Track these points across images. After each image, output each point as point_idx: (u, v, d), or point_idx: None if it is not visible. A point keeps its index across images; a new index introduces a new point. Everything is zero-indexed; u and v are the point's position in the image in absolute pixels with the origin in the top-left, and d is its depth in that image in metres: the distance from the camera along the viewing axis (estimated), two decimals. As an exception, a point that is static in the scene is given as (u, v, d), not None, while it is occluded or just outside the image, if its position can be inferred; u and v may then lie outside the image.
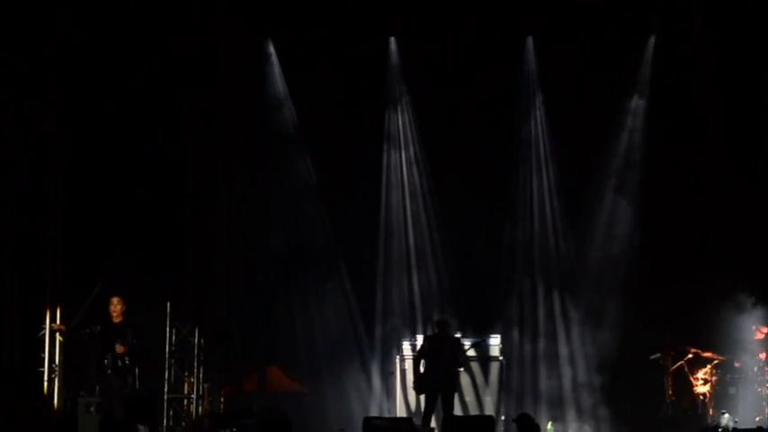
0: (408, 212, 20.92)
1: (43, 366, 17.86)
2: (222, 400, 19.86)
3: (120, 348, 16.44)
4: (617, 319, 19.96)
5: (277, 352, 20.42)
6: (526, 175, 20.96)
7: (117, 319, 16.77)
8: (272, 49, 20.72)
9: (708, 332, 18.82)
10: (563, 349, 20.39)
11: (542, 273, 20.70)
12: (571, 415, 19.84)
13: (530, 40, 20.60)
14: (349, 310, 20.53)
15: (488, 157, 20.41)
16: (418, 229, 20.85)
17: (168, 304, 19.38)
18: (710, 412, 18.45)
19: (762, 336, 18.70)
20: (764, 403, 18.39)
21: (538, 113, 20.87)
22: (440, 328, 17.66)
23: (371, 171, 20.89)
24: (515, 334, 20.41)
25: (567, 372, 20.26)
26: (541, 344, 20.46)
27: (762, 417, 18.07)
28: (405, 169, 21.00)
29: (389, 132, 21.01)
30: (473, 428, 16.41)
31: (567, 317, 20.48)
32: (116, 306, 16.87)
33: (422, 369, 17.36)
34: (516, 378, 20.12)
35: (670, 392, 18.97)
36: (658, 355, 19.00)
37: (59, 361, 17.91)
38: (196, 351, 19.47)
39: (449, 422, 16.71)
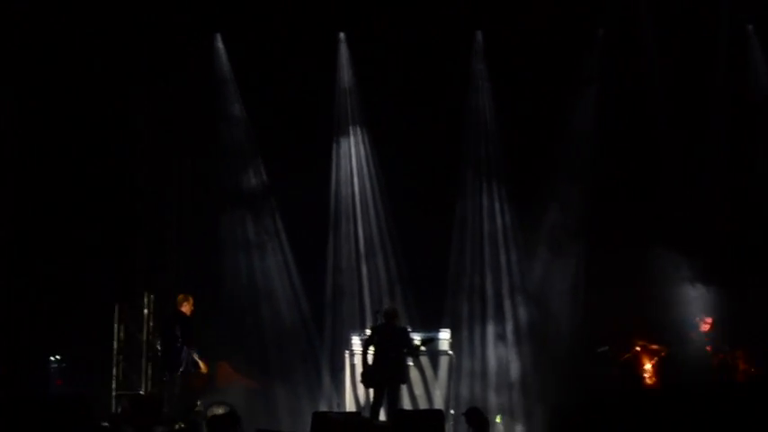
0: (358, 208, 20.92)
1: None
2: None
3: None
4: (566, 312, 20.07)
5: (226, 347, 20.36)
6: (476, 171, 21.03)
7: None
8: (220, 44, 20.71)
9: (654, 324, 18.95)
10: (511, 342, 20.47)
11: (492, 269, 20.78)
12: (519, 408, 19.96)
13: (479, 35, 20.69)
14: (298, 305, 20.51)
15: (437, 153, 20.45)
16: (367, 224, 20.86)
17: (117, 301, 19.37)
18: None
19: (707, 327, 18.87)
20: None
21: (487, 107, 20.94)
22: (388, 317, 17.66)
23: (321, 163, 20.88)
24: (464, 328, 20.46)
25: (515, 365, 20.33)
26: (490, 338, 20.52)
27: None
28: (354, 164, 21.00)
29: (339, 126, 21.02)
30: (422, 422, 16.39)
31: (516, 310, 20.57)
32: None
33: (370, 360, 17.42)
34: (466, 372, 20.16)
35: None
36: (606, 348, 19.07)
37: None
38: (144, 348, 19.41)
39: (397, 416, 16.78)
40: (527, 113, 20.23)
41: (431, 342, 18.38)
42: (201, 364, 17.79)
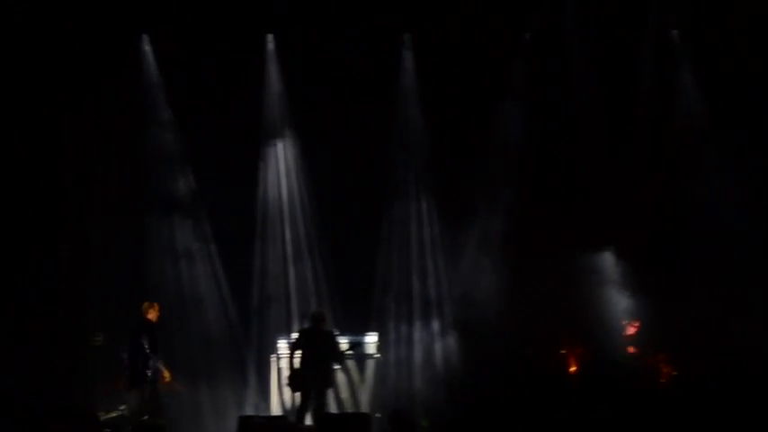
0: (286, 213, 20.86)
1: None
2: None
3: None
4: (493, 315, 20.14)
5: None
6: (405, 176, 21.05)
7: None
8: (147, 46, 20.59)
9: (581, 327, 19.09)
10: (438, 347, 20.51)
11: (419, 273, 20.82)
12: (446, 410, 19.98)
13: (407, 37, 20.73)
14: (225, 309, 20.41)
15: (366, 151, 20.43)
16: (295, 228, 20.80)
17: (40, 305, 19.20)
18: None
19: (633, 330, 19.06)
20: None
21: (416, 112, 20.97)
22: (315, 321, 17.67)
23: (250, 168, 20.81)
24: (392, 331, 20.48)
25: (442, 368, 20.35)
26: (417, 340, 20.54)
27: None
28: (283, 168, 20.94)
29: (268, 130, 20.94)
30: (348, 426, 16.46)
31: (443, 314, 20.61)
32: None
33: (297, 364, 17.37)
34: (392, 375, 20.17)
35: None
36: (532, 351, 19.15)
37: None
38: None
39: (323, 419, 16.77)
40: (455, 118, 20.28)
41: (358, 347, 18.42)
42: (165, 373, 17.61)
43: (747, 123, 20.09)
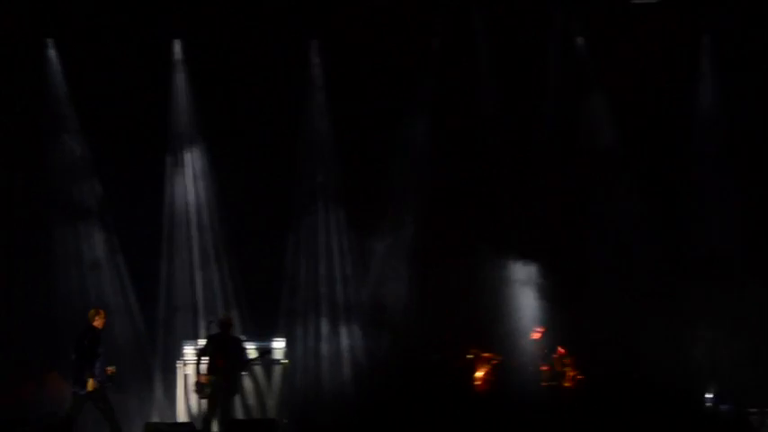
0: (193, 221, 20.74)
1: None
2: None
3: None
4: (401, 321, 20.21)
5: (57, 358, 19.97)
6: (313, 184, 21.07)
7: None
8: (53, 51, 20.38)
9: (487, 332, 19.22)
10: (345, 351, 20.51)
11: (327, 280, 20.82)
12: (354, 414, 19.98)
13: (314, 44, 20.74)
14: (131, 316, 20.24)
15: (275, 158, 20.42)
16: (202, 235, 20.70)
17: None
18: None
19: (538, 336, 19.23)
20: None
21: (324, 122, 20.99)
22: (223, 327, 17.62)
23: (157, 176, 20.68)
24: (299, 337, 20.45)
25: (349, 375, 20.38)
26: (325, 347, 20.53)
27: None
28: (190, 176, 20.83)
29: (175, 138, 20.82)
30: (255, 432, 16.46)
31: (350, 317, 20.63)
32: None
33: (203, 370, 17.28)
34: (300, 380, 20.13)
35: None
36: (439, 356, 19.26)
37: None
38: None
39: (230, 426, 16.71)
40: (364, 123, 20.37)
41: (267, 354, 18.40)
42: (90, 382, 17.32)
43: (653, 135, 20.43)
